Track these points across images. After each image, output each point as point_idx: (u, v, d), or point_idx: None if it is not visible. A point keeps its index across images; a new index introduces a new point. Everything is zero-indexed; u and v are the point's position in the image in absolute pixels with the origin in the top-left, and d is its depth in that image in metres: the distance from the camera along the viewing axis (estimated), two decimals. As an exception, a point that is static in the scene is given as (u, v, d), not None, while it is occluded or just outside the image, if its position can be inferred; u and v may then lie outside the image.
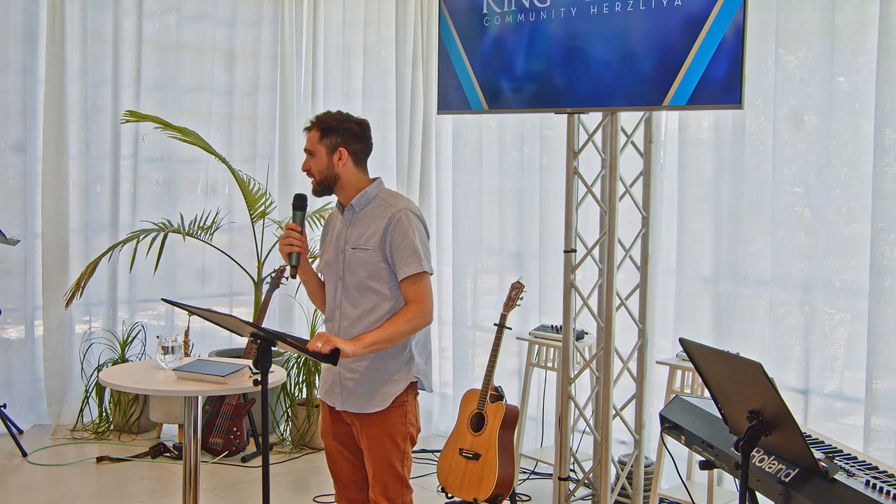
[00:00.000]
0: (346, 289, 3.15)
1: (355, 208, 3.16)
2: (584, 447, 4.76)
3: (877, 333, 3.96)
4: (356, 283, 3.12)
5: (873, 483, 2.32)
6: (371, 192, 3.17)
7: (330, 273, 3.22)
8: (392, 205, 3.13)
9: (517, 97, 4.24)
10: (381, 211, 3.13)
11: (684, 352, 2.70)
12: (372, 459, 3.16)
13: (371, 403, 3.13)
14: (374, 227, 3.10)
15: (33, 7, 5.78)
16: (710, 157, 4.60)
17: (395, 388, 3.13)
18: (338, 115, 3.18)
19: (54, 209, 5.83)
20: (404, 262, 3.07)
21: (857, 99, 4.14)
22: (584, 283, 4.30)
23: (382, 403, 3.13)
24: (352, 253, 3.13)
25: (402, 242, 3.07)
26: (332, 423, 3.26)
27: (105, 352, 5.98)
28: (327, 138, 3.12)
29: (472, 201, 5.76)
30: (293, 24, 6.53)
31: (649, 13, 3.73)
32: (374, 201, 3.16)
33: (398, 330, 3.06)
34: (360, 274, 3.11)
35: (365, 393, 3.13)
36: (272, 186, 6.31)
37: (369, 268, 3.10)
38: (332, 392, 3.21)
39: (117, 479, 5.09)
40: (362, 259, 3.10)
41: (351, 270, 3.13)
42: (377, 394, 3.13)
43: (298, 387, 5.73)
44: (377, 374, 3.13)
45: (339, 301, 3.17)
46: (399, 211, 3.10)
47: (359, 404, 3.15)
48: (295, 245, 3.12)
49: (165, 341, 3.75)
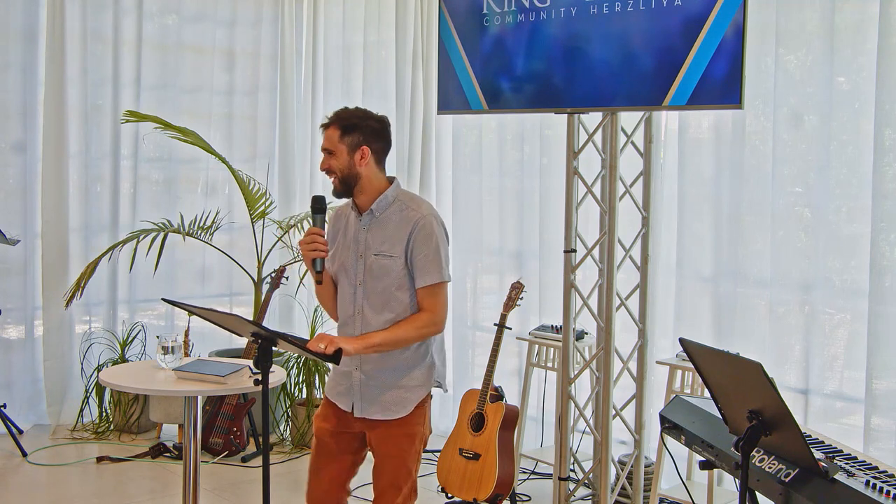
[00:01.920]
0: (367, 295, 3.07)
1: (375, 213, 3.07)
2: (584, 447, 4.76)
3: (877, 333, 3.96)
4: (380, 291, 3.05)
5: (873, 483, 2.32)
6: (390, 195, 3.07)
7: (346, 277, 3.12)
8: (415, 210, 3.05)
9: (517, 97, 4.24)
10: (402, 215, 3.05)
11: (684, 352, 2.70)
12: (386, 462, 3.11)
13: (395, 410, 3.08)
14: (397, 233, 3.03)
15: (33, 7, 5.78)
16: (710, 157, 4.60)
17: (417, 394, 3.10)
18: (359, 112, 3.07)
19: (54, 209, 5.83)
20: (425, 270, 3.02)
21: (857, 99, 4.14)
22: (584, 283, 4.30)
23: (406, 409, 3.09)
24: (374, 259, 3.05)
25: (425, 251, 3.01)
26: (337, 424, 3.18)
27: (105, 352, 5.98)
28: (349, 136, 3.00)
29: (472, 201, 5.76)
30: (293, 24, 6.53)
31: (649, 13, 3.73)
32: (394, 205, 3.07)
33: (406, 336, 3.03)
34: (384, 282, 3.04)
35: (389, 401, 3.08)
36: (272, 186, 6.31)
37: (394, 276, 3.03)
38: (348, 396, 3.14)
39: (117, 479, 5.09)
40: (386, 266, 3.03)
41: (374, 277, 3.05)
42: (401, 400, 3.09)
43: (298, 387, 5.72)
44: (401, 382, 3.09)
45: (359, 307, 3.09)
46: (423, 217, 3.03)
47: (382, 412, 3.09)
48: (320, 250, 3.04)
49: (165, 341, 3.75)
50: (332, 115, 3.08)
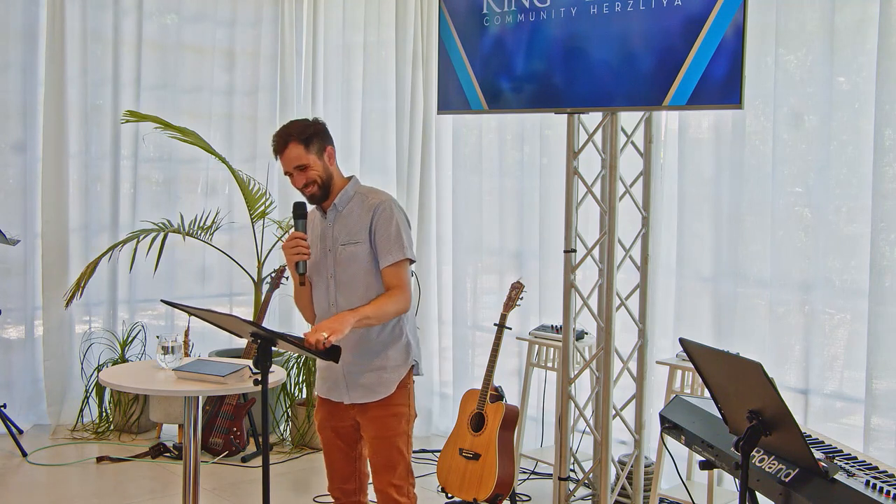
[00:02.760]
0: (339, 286, 3.24)
1: (338, 207, 3.25)
2: (584, 447, 4.76)
3: (877, 333, 3.96)
4: (350, 278, 3.22)
5: (873, 483, 2.32)
6: (350, 189, 3.27)
7: (318, 273, 3.30)
8: (374, 197, 3.25)
9: (517, 97, 4.24)
10: (363, 205, 3.23)
11: (684, 352, 2.70)
12: (378, 444, 3.26)
13: (377, 391, 3.24)
14: (360, 221, 3.22)
15: (33, 7, 5.78)
16: (710, 157, 4.60)
17: (397, 373, 3.26)
18: (302, 122, 3.23)
19: (54, 209, 5.83)
20: (388, 249, 3.18)
21: (857, 99, 4.14)
22: (584, 283, 4.30)
23: (388, 389, 3.25)
24: (342, 249, 3.22)
25: (386, 232, 3.18)
26: (332, 417, 3.35)
27: (105, 352, 5.98)
28: (312, 145, 3.19)
29: (472, 201, 5.76)
30: (293, 24, 6.53)
31: (649, 13, 3.73)
32: (355, 198, 3.27)
33: (388, 309, 3.16)
34: (353, 268, 3.21)
35: (371, 382, 3.24)
36: (272, 186, 6.30)
37: (362, 260, 3.20)
38: (337, 389, 3.30)
39: (117, 479, 5.09)
40: (353, 253, 3.20)
41: (342, 267, 3.22)
42: (382, 381, 3.25)
43: (298, 387, 5.72)
44: (380, 362, 3.25)
45: (333, 299, 3.25)
46: (382, 202, 3.22)
47: (366, 394, 3.25)
48: (303, 253, 3.19)
49: (165, 341, 3.75)
50: (280, 136, 3.19)
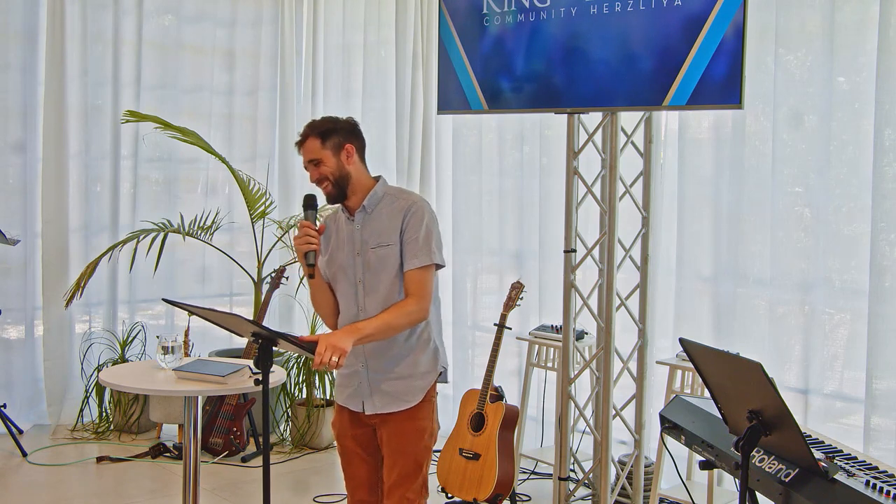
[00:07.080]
0: (368, 291, 3.08)
1: (367, 209, 3.09)
2: (584, 447, 4.76)
3: (877, 333, 3.96)
4: (381, 283, 3.06)
5: (873, 483, 2.32)
6: (379, 191, 3.11)
7: (345, 278, 3.13)
8: (405, 198, 3.09)
9: (517, 97, 4.24)
10: (393, 206, 3.07)
11: (684, 352, 2.70)
12: (398, 457, 3.11)
13: (404, 400, 3.10)
14: (391, 222, 3.05)
15: (33, 7, 5.78)
16: (710, 157, 4.60)
17: (426, 380, 3.13)
18: (329, 118, 3.13)
19: (54, 209, 5.84)
20: (415, 252, 3.02)
21: (857, 99, 4.14)
22: (584, 283, 4.30)
23: (415, 398, 3.10)
24: (372, 253, 3.06)
25: (415, 234, 3.02)
26: (351, 426, 3.20)
27: (105, 352, 5.98)
28: (329, 140, 3.04)
29: (472, 201, 5.76)
30: (293, 24, 6.53)
31: (649, 13, 3.73)
32: (385, 199, 3.10)
33: (397, 323, 3.01)
34: (383, 274, 3.06)
35: (398, 391, 3.10)
36: (272, 186, 6.31)
37: (392, 263, 3.04)
38: (357, 396, 3.15)
39: (117, 479, 5.09)
40: (384, 257, 3.05)
41: (373, 271, 3.07)
42: (410, 389, 3.10)
43: (298, 387, 5.73)
44: (409, 370, 3.10)
45: (361, 304, 3.10)
46: (414, 203, 3.07)
47: (391, 402, 3.10)
48: (313, 243, 3.05)
49: (165, 341, 3.75)
50: (304, 128, 3.11)
